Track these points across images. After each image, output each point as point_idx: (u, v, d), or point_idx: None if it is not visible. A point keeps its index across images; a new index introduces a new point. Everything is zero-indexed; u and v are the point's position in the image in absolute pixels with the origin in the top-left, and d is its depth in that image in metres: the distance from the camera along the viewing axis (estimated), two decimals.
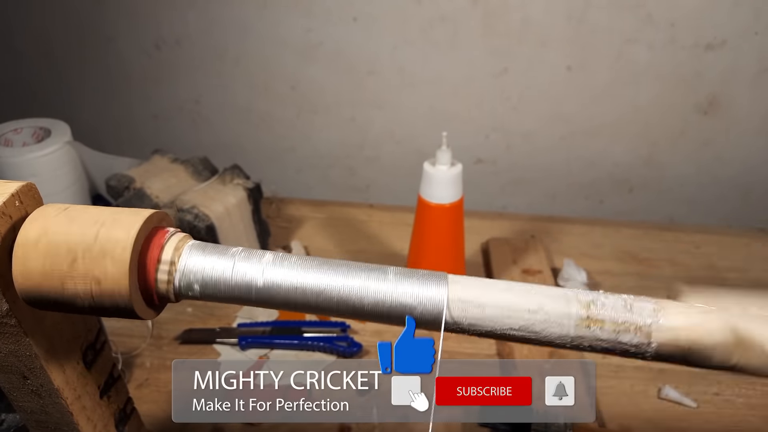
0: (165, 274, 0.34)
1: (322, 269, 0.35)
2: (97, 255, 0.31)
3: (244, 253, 0.35)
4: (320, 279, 0.35)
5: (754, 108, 1.01)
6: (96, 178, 0.90)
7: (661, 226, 0.99)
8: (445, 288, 0.35)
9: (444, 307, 0.34)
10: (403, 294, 0.35)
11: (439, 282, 0.35)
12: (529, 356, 0.72)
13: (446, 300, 0.34)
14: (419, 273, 0.36)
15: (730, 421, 0.65)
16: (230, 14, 1.03)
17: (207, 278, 0.35)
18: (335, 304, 0.35)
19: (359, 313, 0.35)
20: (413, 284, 0.35)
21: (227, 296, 0.35)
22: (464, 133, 1.09)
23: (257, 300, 0.35)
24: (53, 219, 0.32)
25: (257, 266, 0.35)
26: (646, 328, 0.34)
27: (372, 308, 0.35)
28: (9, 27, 1.11)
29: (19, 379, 0.38)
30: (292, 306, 0.36)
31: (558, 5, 0.94)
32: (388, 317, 0.35)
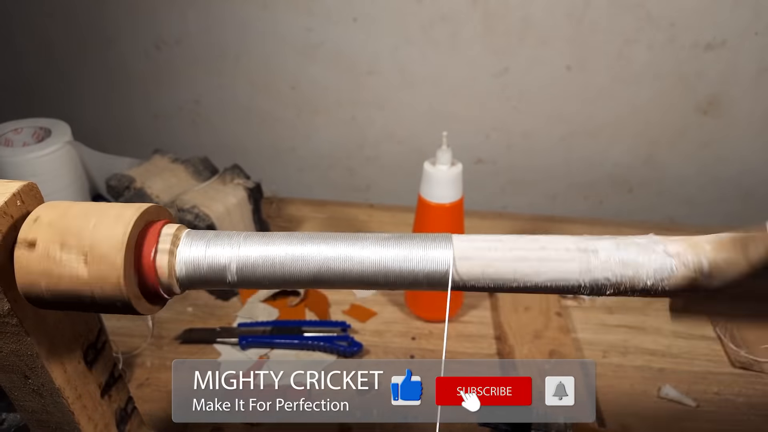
0: (165, 256, 0.34)
1: (329, 242, 0.35)
2: (95, 249, 0.31)
3: (244, 236, 0.35)
4: (331, 251, 0.35)
5: (754, 108, 1.01)
6: (96, 177, 0.91)
7: (661, 226, 0.99)
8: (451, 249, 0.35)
9: (450, 266, 0.35)
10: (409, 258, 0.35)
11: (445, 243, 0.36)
12: (529, 356, 0.72)
13: (452, 260, 0.35)
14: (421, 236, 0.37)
15: (730, 421, 0.65)
16: (230, 14, 1.03)
17: (210, 260, 0.34)
18: (352, 275, 0.35)
19: (380, 283, 0.35)
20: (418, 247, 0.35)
21: (219, 279, 0.35)
22: (464, 133, 1.09)
23: (256, 279, 0.35)
24: (54, 216, 0.33)
25: (258, 244, 0.35)
26: (652, 238, 0.34)
27: (391, 277, 0.35)
28: (9, 27, 1.11)
29: (20, 378, 0.38)
30: (302, 282, 0.35)
31: (558, 5, 0.94)
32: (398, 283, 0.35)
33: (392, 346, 0.74)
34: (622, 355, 0.74)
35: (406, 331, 0.77)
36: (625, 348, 0.75)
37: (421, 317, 0.79)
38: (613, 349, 0.75)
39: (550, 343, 0.74)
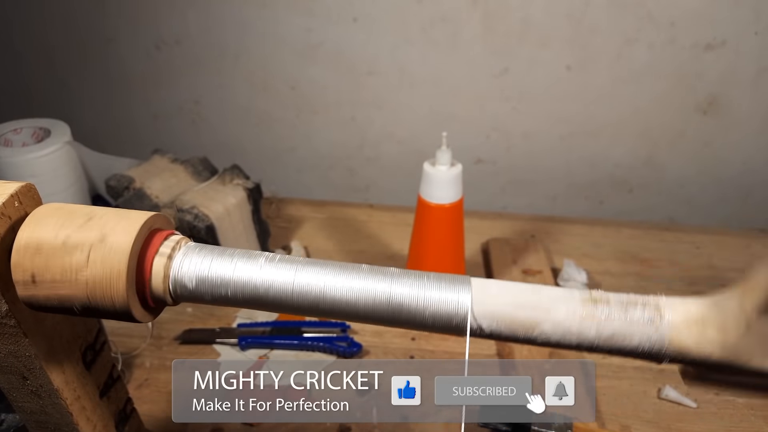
0: (161, 278, 0.34)
1: (325, 271, 0.35)
2: (96, 256, 0.31)
3: (242, 255, 0.35)
4: (326, 280, 0.35)
5: (754, 108, 1.01)
6: (96, 178, 0.90)
7: (661, 226, 0.99)
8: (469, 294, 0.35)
9: (469, 312, 0.34)
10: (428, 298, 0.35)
11: (463, 287, 0.35)
12: (529, 356, 0.72)
13: (470, 306, 0.34)
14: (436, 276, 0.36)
15: (730, 421, 0.65)
16: (230, 14, 1.03)
17: (203, 281, 0.34)
18: (347, 308, 0.35)
19: (380, 318, 0.35)
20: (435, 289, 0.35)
21: (223, 299, 0.35)
22: (464, 133, 1.09)
23: (263, 303, 0.35)
24: (52, 219, 0.32)
25: (260, 267, 0.35)
26: (654, 301, 0.34)
27: (404, 316, 0.35)
28: (9, 27, 1.11)
29: (18, 379, 0.38)
30: (296, 310, 0.35)
31: (558, 5, 0.94)
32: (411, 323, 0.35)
33: (392, 347, 0.74)
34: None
35: (405, 331, 0.77)
36: None
37: None
38: None
39: None
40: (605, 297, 0.34)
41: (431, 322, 0.35)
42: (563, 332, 0.34)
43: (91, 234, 0.32)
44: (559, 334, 0.34)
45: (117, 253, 0.31)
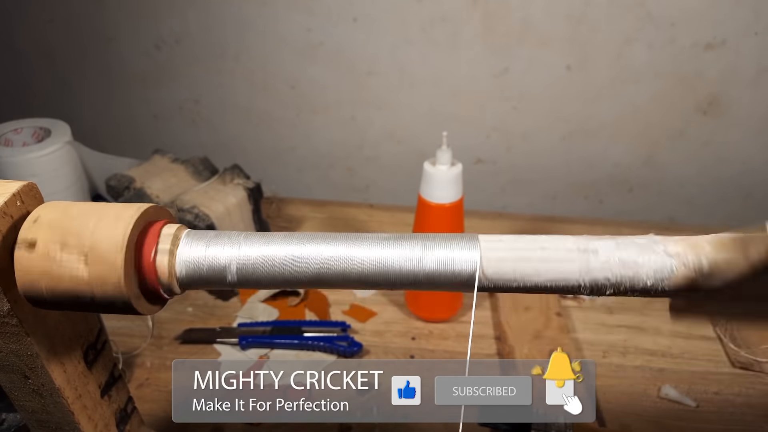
0: (165, 256, 0.34)
1: (341, 241, 0.35)
2: (95, 250, 0.31)
3: (245, 235, 0.35)
4: (340, 251, 0.35)
5: (754, 108, 1.01)
6: (96, 178, 0.91)
7: (661, 226, 0.99)
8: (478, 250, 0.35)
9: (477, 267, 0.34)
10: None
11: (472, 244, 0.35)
12: (529, 356, 0.72)
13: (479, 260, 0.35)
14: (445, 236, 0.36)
15: (730, 421, 0.65)
16: (230, 14, 1.03)
17: (210, 261, 0.34)
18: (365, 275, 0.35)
19: (391, 281, 0.35)
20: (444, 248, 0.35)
21: (219, 279, 0.35)
22: (464, 133, 1.09)
23: (256, 279, 0.35)
24: (53, 217, 0.33)
25: (267, 243, 0.35)
26: (659, 238, 0.34)
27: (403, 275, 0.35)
28: (9, 27, 1.11)
29: (20, 378, 0.38)
30: (323, 282, 0.35)
31: (558, 5, 0.94)
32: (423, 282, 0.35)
33: (392, 346, 0.74)
34: (622, 355, 0.74)
35: (406, 331, 0.77)
36: (625, 348, 0.75)
37: (421, 317, 0.79)
38: (613, 349, 0.75)
39: (550, 343, 0.74)
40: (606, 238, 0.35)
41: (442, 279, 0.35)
42: (570, 273, 0.34)
43: (91, 226, 0.32)
44: (566, 275, 0.34)
45: (117, 246, 0.31)
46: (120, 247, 0.31)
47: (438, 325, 0.78)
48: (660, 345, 0.75)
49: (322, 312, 0.79)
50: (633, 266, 0.33)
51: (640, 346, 0.75)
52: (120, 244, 0.31)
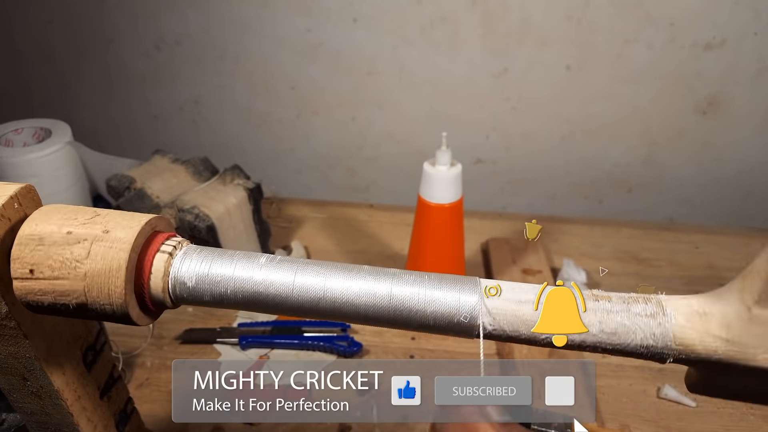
0: (160, 279, 0.34)
1: (333, 273, 0.35)
2: (95, 258, 0.31)
3: (242, 256, 0.35)
4: (334, 283, 0.35)
5: (753, 108, 1.01)
6: (96, 178, 0.91)
7: (660, 226, 0.99)
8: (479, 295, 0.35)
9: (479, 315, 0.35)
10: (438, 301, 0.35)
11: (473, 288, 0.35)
12: (529, 356, 0.72)
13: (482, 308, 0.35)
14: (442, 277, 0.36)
15: (729, 420, 0.65)
16: (230, 15, 1.03)
17: (202, 281, 0.34)
18: (349, 310, 0.35)
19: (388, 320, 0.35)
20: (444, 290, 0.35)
21: (223, 300, 0.35)
22: (464, 133, 1.09)
23: (265, 305, 0.35)
24: (52, 221, 0.33)
25: (260, 268, 0.35)
26: (656, 298, 0.33)
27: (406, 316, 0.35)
28: (9, 27, 1.11)
29: (19, 380, 0.38)
30: (305, 311, 0.35)
31: (558, 5, 0.94)
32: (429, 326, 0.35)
33: (392, 346, 0.74)
34: None
35: (405, 331, 0.77)
36: None
37: None
38: None
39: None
40: (606, 294, 0.34)
41: (434, 323, 0.35)
42: None
43: (94, 228, 0.32)
44: None
45: (118, 248, 0.31)
46: (125, 248, 0.31)
47: None
48: None
49: None
50: (630, 340, 0.33)
51: None
52: (125, 246, 0.31)
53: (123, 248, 0.31)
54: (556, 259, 0.88)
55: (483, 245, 0.93)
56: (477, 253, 0.92)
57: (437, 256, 0.75)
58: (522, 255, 0.87)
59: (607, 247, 0.92)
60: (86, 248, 0.31)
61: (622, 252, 0.92)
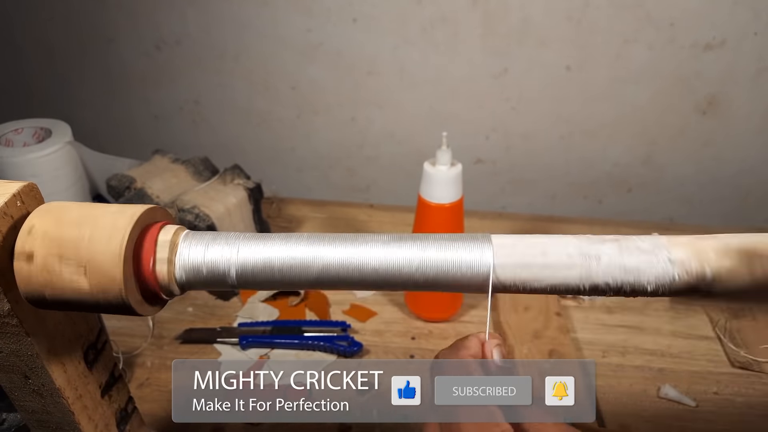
0: (164, 265, 0.34)
1: (346, 242, 0.35)
2: (93, 263, 0.31)
3: (244, 237, 0.35)
4: (346, 252, 0.35)
5: (753, 108, 1.01)
6: (97, 178, 0.91)
7: (660, 226, 0.99)
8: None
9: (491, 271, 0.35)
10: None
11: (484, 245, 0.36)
12: (529, 356, 0.72)
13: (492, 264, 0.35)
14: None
15: (729, 421, 0.65)
16: (230, 14, 1.03)
17: (209, 265, 0.34)
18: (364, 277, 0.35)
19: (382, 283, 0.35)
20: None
21: (219, 282, 0.35)
22: (464, 133, 1.09)
23: (257, 282, 0.35)
24: (54, 216, 0.33)
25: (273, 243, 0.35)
26: (663, 240, 0.34)
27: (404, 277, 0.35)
28: (9, 26, 1.11)
29: (20, 378, 0.38)
30: (326, 283, 0.35)
31: (558, 5, 0.94)
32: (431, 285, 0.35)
33: (392, 346, 0.74)
34: (622, 355, 0.74)
35: (406, 331, 0.77)
36: (624, 348, 0.75)
37: (421, 317, 0.79)
38: (613, 349, 0.75)
39: (550, 343, 0.74)
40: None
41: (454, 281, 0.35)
42: (571, 279, 0.35)
43: (91, 225, 0.32)
44: (566, 281, 0.35)
45: (114, 260, 0.31)
46: (118, 259, 0.31)
47: (438, 325, 0.78)
48: (659, 345, 0.75)
49: (322, 312, 0.79)
50: (635, 272, 0.34)
51: (639, 346, 0.75)
52: (118, 257, 0.31)
53: (122, 236, 0.32)
54: None
55: None
56: None
57: None
58: None
59: None
60: (84, 261, 0.32)
61: None
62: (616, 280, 0.34)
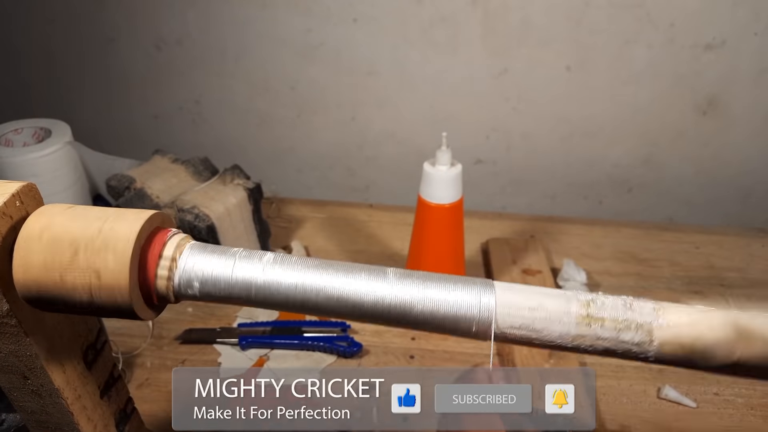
0: (165, 272, 0.34)
1: (329, 271, 0.35)
2: (99, 251, 0.31)
3: (244, 253, 0.35)
4: (331, 281, 0.35)
5: (753, 108, 1.01)
6: (96, 178, 0.91)
7: (660, 226, 0.99)
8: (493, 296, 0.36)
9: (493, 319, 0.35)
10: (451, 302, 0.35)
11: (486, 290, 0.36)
12: (529, 357, 0.72)
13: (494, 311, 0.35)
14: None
15: (729, 421, 0.65)
16: (230, 15, 1.03)
17: (207, 277, 0.35)
18: (349, 307, 0.35)
19: (372, 316, 0.35)
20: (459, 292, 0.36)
21: (226, 296, 0.35)
22: (464, 133, 1.09)
23: (260, 300, 0.35)
24: (54, 218, 0.33)
25: (263, 269, 0.35)
26: (648, 326, 0.34)
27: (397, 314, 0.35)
28: (9, 27, 1.11)
29: (19, 379, 0.38)
30: (306, 308, 0.35)
31: (558, 6, 0.94)
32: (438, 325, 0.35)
33: (392, 347, 0.74)
34: None
35: (405, 331, 0.77)
36: None
37: None
38: None
39: None
40: (600, 316, 0.35)
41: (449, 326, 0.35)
42: (560, 341, 0.35)
43: (95, 228, 0.32)
44: (556, 342, 0.35)
45: (121, 246, 0.31)
46: (126, 247, 0.31)
47: None
48: None
49: None
50: (626, 346, 0.34)
51: None
52: (127, 245, 0.31)
53: (127, 241, 0.32)
54: (556, 260, 0.88)
55: (483, 245, 0.93)
56: (477, 253, 0.92)
57: (437, 257, 0.75)
58: (522, 255, 0.87)
59: (607, 248, 0.92)
60: (89, 248, 0.31)
61: (622, 252, 0.92)
62: (605, 349, 0.35)
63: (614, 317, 0.34)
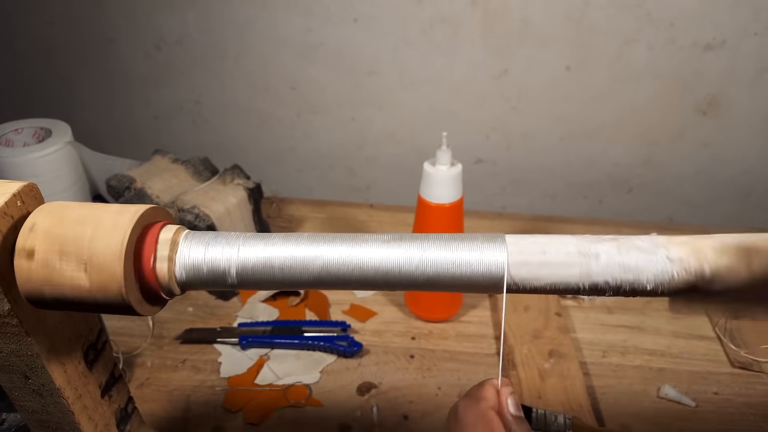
0: (164, 263, 0.34)
1: (347, 242, 0.35)
2: (94, 259, 0.31)
3: (245, 237, 0.35)
4: (347, 251, 0.35)
5: (753, 108, 1.01)
6: (96, 178, 0.91)
7: (660, 226, 0.99)
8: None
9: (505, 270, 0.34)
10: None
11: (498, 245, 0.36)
12: (529, 356, 0.72)
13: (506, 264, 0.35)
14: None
15: (729, 421, 0.65)
16: (230, 15, 1.03)
17: (210, 264, 0.34)
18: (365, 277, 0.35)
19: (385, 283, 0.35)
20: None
21: (219, 281, 0.35)
22: (464, 133, 1.09)
23: (256, 281, 0.35)
24: (49, 224, 0.33)
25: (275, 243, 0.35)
26: (662, 239, 0.34)
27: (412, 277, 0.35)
28: (9, 27, 1.11)
29: (20, 378, 0.38)
30: (326, 283, 0.35)
31: (558, 6, 0.94)
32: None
33: (392, 346, 0.74)
34: (622, 355, 0.74)
35: (405, 331, 0.77)
36: (624, 348, 0.75)
37: (421, 317, 0.79)
38: (613, 349, 0.75)
39: (550, 343, 0.74)
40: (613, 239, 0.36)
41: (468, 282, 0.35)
42: (571, 277, 0.35)
43: (92, 224, 0.32)
44: (566, 279, 0.35)
45: (115, 257, 0.31)
46: (119, 257, 0.31)
47: (438, 325, 0.78)
48: (659, 345, 0.75)
49: (322, 312, 0.79)
50: (634, 271, 0.34)
51: (639, 346, 0.75)
52: (119, 255, 0.31)
53: (123, 234, 0.32)
54: None
55: None
56: None
57: None
58: None
59: None
60: (85, 258, 0.31)
61: None
62: (615, 278, 0.34)
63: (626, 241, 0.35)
